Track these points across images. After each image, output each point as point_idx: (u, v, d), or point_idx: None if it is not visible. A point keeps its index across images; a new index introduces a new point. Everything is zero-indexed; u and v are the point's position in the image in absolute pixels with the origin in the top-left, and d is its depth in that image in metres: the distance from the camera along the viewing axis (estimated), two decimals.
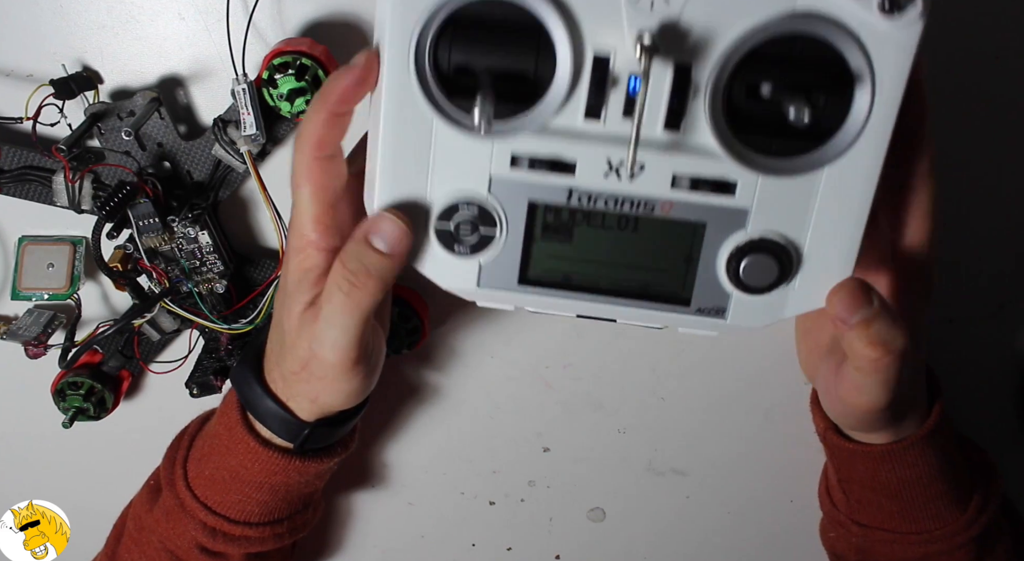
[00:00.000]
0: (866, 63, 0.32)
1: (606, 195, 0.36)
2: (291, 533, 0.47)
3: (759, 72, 0.33)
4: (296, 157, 0.37)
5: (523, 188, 0.36)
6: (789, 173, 0.34)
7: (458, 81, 0.33)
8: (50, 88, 0.43)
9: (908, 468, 0.44)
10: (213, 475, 0.45)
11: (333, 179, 0.37)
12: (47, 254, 0.49)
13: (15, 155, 0.46)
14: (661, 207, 0.36)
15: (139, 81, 0.46)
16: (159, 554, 0.47)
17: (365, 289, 0.36)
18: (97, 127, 0.45)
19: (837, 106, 0.33)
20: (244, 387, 0.43)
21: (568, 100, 0.33)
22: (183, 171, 0.47)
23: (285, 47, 0.43)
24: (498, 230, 0.37)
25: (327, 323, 0.37)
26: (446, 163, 0.35)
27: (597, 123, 0.34)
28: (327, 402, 0.41)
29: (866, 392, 0.38)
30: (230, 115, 0.45)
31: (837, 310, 0.36)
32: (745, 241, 0.36)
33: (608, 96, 0.33)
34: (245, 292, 0.51)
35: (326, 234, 0.37)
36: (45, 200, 0.47)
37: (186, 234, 0.47)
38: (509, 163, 0.35)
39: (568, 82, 0.33)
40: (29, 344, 0.48)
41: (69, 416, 0.51)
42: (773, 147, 0.34)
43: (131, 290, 0.48)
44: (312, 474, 0.45)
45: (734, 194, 0.35)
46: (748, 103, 0.33)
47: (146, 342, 0.52)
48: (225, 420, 0.44)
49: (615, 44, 0.32)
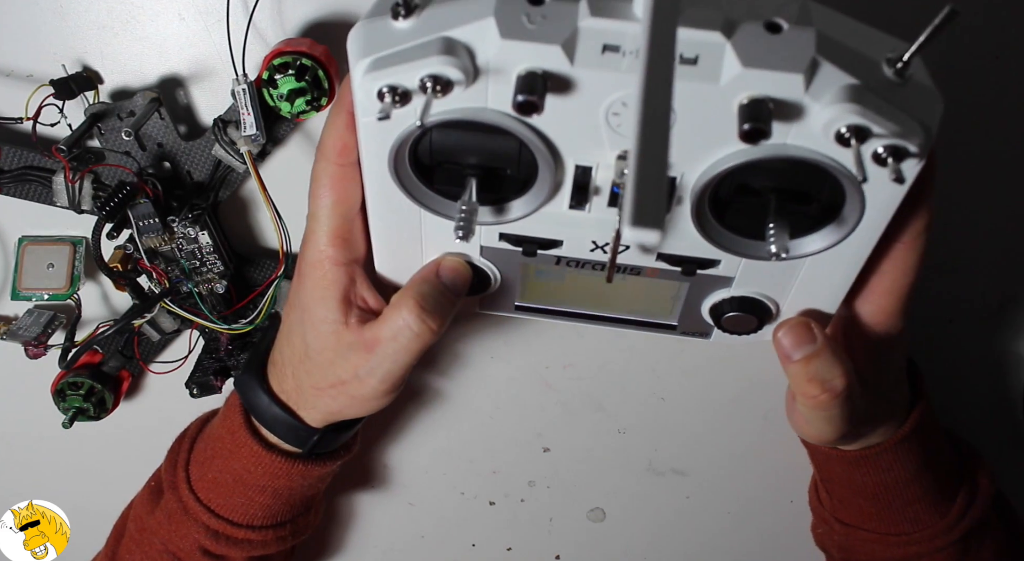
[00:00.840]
0: (858, 195, 0.31)
1: (593, 262, 0.36)
2: (293, 536, 0.47)
3: (747, 176, 0.31)
4: (318, 166, 0.36)
5: (514, 254, 0.36)
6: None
7: (442, 169, 0.33)
8: (50, 88, 0.43)
9: (883, 472, 0.44)
10: (216, 478, 0.45)
11: (354, 190, 0.36)
12: (47, 254, 0.49)
13: (15, 155, 0.46)
14: (647, 273, 0.36)
15: (139, 81, 0.46)
16: (161, 556, 0.47)
17: (434, 331, 0.37)
18: (97, 127, 0.45)
19: (828, 201, 0.32)
20: (250, 395, 0.43)
21: (551, 198, 0.33)
22: (183, 171, 0.47)
23: (285, 47, 0.43)
24: (492, 283, 0.38)
25: (387, 358, 0.37)
26: (436, 237, 0.36)
27: (582, 212, 0.34)
28: (348, 415, 0.41)
29: (813, 426, 0.39)
30: (230, 115, 0.45)
31: (782, 345, 0.37)
32: (728, 297, 0.37)
33: (591, 194, 0.33)
34: (245, 292, 0.51)
35: (344, 248, 0.37)
36: (45, 200, 0.47)
37: (186, 234, 0.47)
38: (498, 238, 0.36)
39: (550, 186, 0.32)
40: (29, 344, 0.48)
41: (69, 416, 0.51)
42: (759, 232, 0.33)
43: (131, 290, 0.48)
44: (315, 477, 0.45)
45: (718, 267, 0.36)
46: (736, 195, 0.32)
47: (146, 342, 0.52)
48: (228, 424, 0.44)
49: (596, 159, 0.31)
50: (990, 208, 0.51)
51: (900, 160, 0.28)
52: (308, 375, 0.40)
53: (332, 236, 0.37)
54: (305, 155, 0.48)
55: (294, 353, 0.40)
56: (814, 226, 0.33)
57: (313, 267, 0.38)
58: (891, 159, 0.28)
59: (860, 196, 0.31)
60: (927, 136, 0.28)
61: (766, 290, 0.37)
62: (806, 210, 0.32)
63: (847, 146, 0.28)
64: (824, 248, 0.33)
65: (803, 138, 0.29)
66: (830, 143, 0.28)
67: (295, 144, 0.47)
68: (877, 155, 0.28)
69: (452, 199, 0.33)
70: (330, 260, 0.37)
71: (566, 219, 0.34)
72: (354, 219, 0.37)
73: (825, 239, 0.33)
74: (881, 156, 0.28)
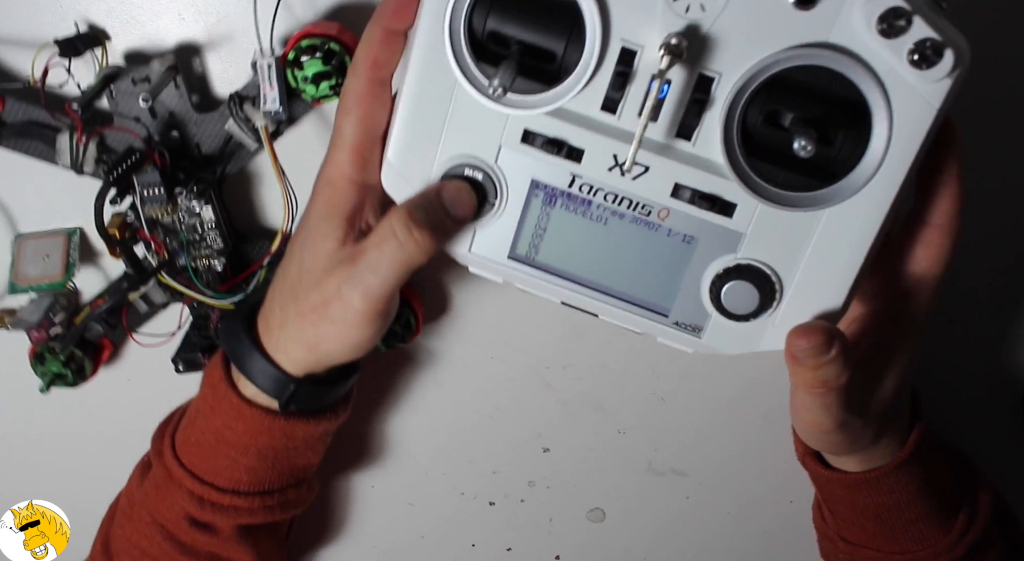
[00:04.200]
0: (886, 111, 0.32)
1: (607, 189, 0.36)
2: (282, 507, 0.46)
3: (779, 98, 0.33)
4: (349, 81, 0.36)
5: (528, 164, 0.36)
6: (790, 206, 0.34)
7: (488, 48, 0.34)
8: (54, 47, 0.42)
9: (885, 494, 0.44)
10: (199, 440, 0.44)
11: (381, 110, 0.36)
12: (42, 247, 0.49)
13: (20, 109, 0.45)
14: (657, 213, 0.36)
15: (153, 45, 0.45)
16: (149, 529, 0.46)
17: (421, 246, 0.35)
18: (109, 90, 0.44)
19: (851, 149, 0.33)
20: (232, 341, 0.42)
21: (588, 86, 0.33)
22: (192, 143, 0.46)
23: (314, 30, 0.42)
24: (497, 200, 0.37)
25: (369, 269, 0.36)
26: (460, 125, 0.36)
27: (612, 117, 0.34)
28: (327, 351, 0.40)
29: (812, 412, 0.38)
30: (248, 91, 0.44)
31: (794, 350, 0.36)
32: (732, 264, 0.36)
33: (627, 91, 0.33)
34: (239, 270, 0.50)
35: (363, 168, 0.36)
36: (46, 158, 0.46)
37: (190, 208, 0.47)
38: (520, 137, 0.35)
39: (592, 67, 0.33)
40: (32, 330, 0.48)
41: (46, 381, 0.50)
42: (779, 178, 0.34)
43: (126, 258, 0.47)
44: (300, 439, 0.44)
45: (731, 216, 0.35)
46: (763, 129, 0.33)
47: (133, 312, 0.51)
48: (209, 379, 0.43)
49: (644, 41, 0.32)
50: (990, 208, 0.51)
51: (934, 63, 0.30)
52: (295, 301, 0.39)
53: (353, 153, 0.36)
54: (319, 137, 0.47)
55: (286, 282, 0.39)
56: (835, 175, 0.34)
57: (327, 184, 0.37)
58: (931, 53, 0.30)
59: (888, 116, 0.32)
60: (964, 50, 0.30)
61: (773, 260, 0.36)
62: (829, 152, 0.33)
63: (889, 36, 0.30)
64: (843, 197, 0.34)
65: (846, 37, 0.31)
66: (872, 35, 0.30)
67: (309, 125, 0.47)
68: (919, 45, 0.30)
69: (490, 79, 0.34)
70: (346, 178, 0.37)
71: (594, 123, 0.34)
72: (376, 140, 0.36)
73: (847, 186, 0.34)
74: (924, 48, 0.30)
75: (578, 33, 0.33)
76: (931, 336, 0.54)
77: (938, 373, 0.55)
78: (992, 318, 0.55)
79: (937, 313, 0.54)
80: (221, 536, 0.45)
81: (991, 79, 0.47)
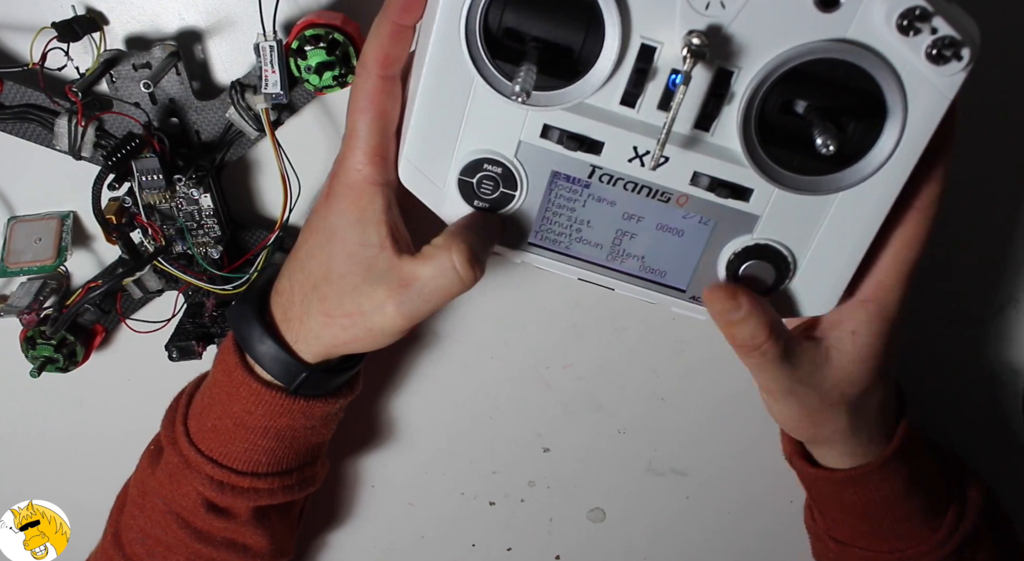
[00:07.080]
0: (902, 103, 0.33)
1: (627, 179, 0.36)
2: (300, 486, 0.46)
3: (796, 89, 0.33)
4: (359, 79, 0.36)
5: (548, 158, 0.36)
6: (805, 191, 0.35)
7: (504, 44, 0.34)
8: (52, 31, 0.42)
9: (872, 491, 0.44)
10: (216, 425, 0.43)
11: (394, 106, 0.36)
12: (34, 230, 0.49)
13: (18, 92, 0.44)
14: (676, 199, 0.37)
15: (154, 30, 0.45)
16: (164, 517, 0.45)
17: (476, 279, 0.36)
18: (109, 74, 0.44)
19: (865, 135, 0.34)
20: (243, 325, 0.41)
21: (607, 82, 0.34)
22: (191, 130, 0.46)
23: (318, 19, 0.42)
24: (518, 192, 0.38)
25: (422, 297, 0.36)
26: (479, 121, 0.36)
27: (631, 110, 0.34)
28: (351, 349, 0.40)
29: (755, 378, 0.40)
30: (249, 79, 0.44)
31: (708, 308, 0.38)
32: (751, 244, 0.37)
33: (647, 86, 0.34)
34: (236, 259, 0.50)
35: (382, 168, 0.36)
36: (44, 142, 0.45)
37: (188, 195, 0.46)
38: (539, 132, 0.36)
39: (611, 65, 0.33)
40: (23, 313, 0.48)
41: (37, 365, 0.50)
42: (795, 163, 0.34)
43: (122, 244, 0.47)
44: (318, 417, 0.43)
45: (748, 200, 0.36)
46: (779, 116, 0.34)
47: (127, 298, 0.51)
48: (223, 365, 0.43)
49: (663, 38, 0.33)
50: (990, 208, 0.51)
51: (951, 59, 0.31)
52: (322, 301, 0.39)
53: (371, 154, 0.36)
54: (320, 127, 0.47)
55: (308, 278, 0.39)
56: (847, 161, 0.34)
57: (349, 187, 0.36)
58: (949, 50, 0.31)
59: (903, 106, 0.32)
60: (978, 43, 0.31)
61: (788, 239, 0.37)
62: (842, 139, 0.33)
63: (908, 34, 0.31)
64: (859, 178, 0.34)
65: (865, 33, 0.31)
66: (891, 31, 0.31)
67: (310, 114, 0.47)
68: (937, 42, 0.31)
69: (509, 79, 0.34)
70: (368, 180, 0.36)
71: (614, 117, 0.35)
72: (391, 137, 0.36)
73: (862, 168, 0.34)
74: (943, 45, 0.31)
75: (595, 27, 0.33)
76: (931, 336, 0.54)
77: (938, 373, 0.55)
78: (992, 318, 0.55)
79: (937, 313, 0.54)
80: (238, 520, 0.45)
81: (991, 79, 0.47)
